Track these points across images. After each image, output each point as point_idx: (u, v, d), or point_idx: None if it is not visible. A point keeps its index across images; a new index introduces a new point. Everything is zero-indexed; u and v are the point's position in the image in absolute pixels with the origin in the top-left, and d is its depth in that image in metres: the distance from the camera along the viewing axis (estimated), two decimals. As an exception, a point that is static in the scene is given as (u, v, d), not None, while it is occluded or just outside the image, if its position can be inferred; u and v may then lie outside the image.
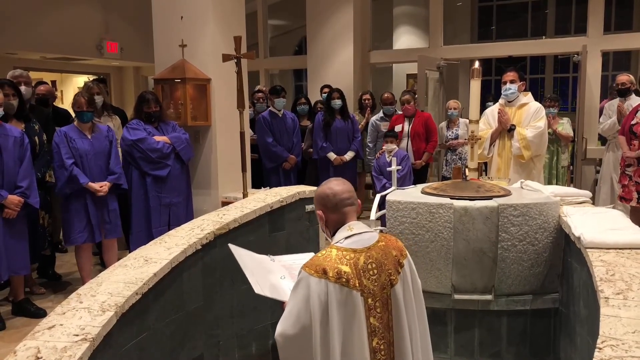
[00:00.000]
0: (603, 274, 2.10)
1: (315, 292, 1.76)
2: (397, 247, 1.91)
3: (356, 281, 1.78)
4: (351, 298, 1.78)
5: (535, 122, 4.34)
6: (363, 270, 1.80)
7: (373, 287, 1.81)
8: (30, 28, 7.55)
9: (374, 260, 1.83)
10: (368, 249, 1.84)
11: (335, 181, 1.96)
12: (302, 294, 1.79)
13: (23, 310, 4.16)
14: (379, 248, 1.86)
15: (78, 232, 4.33)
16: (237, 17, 5.56)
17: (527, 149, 4.30)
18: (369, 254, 1.83)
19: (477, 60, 3.28)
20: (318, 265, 1.79)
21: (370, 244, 1.85)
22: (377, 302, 1.81)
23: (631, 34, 9.00)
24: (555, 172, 6.28)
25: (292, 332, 1.79)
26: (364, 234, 1.87)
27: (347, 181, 1.98)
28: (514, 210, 2.81)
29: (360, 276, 1.79)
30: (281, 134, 5.99)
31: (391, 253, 1.87)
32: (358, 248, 1.83)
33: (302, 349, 1.79)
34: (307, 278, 1.79)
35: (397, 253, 1.89)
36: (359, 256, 1.81)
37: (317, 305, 1.76)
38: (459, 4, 12.88)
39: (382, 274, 1.82)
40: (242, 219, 3.05)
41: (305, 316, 1.77)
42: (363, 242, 1.85)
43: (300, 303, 1.78)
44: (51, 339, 1.79)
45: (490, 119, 4.60)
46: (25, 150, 3.96)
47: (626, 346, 1.60)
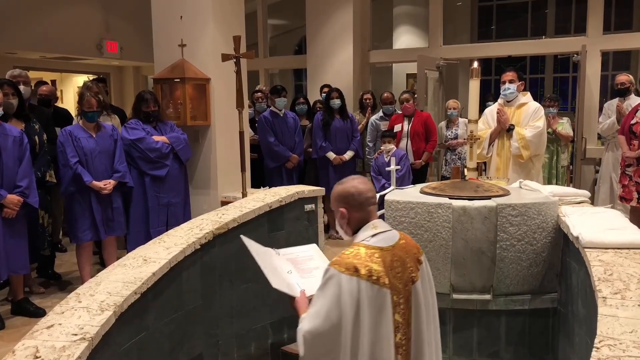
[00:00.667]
0: (601, 273, 2.10)
1: (346, 290, 1.77)
2: (414, 245, 1.97)
3: (386, 279, 1.82)
4: (381, 295, 1.81)
5: (534, 122, 4.34)
6: (390, 268, 1.84)
7: (398, 284, 1.85)
8: (30, 27, 7.54)
9: (398, 258, 1.87)
10: (393, 247, 1.88)
11: (358, 179, 1.97)
12: (332, 292, 1.79)
13: (22, 310, 4.17)
14: (402, 246, 1.90)
15: (83, 230, 4.35)
16: (236, 16, 5.56)
17: (526, 149, 4.30)
18: (394, 252, 1.87)
19: (476, 60, 3.28)
20: (349, 264, 1.81)
21: (394, 242, 1.89)
22: (401, 298, 1.85)
23: (631, 34, 9.00)
24: (555, 171, 6.28)
25: (321, 330, 1.79)
26: (388, 232, 1.92)
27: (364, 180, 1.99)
28: (512, 210, 2.81)
29: (389, 274, 1.83)
30: (283, 134, 5.99)
31: (412, 250, 1.92)
32: (384, 246, 1.86)
33: (330, 346, 1.81)
34: (337, 276, 1.79)
35: (416, 250, 1.94)
36: (386, 254, 1.85)
37: (348, 302, 1.77)
38: (458, 4, 12.87)
39: (405, 271, 1.87)
40: (241, 218, 3.05)
41: (336, 314, 1.78)
42: (387, 241, 1.89)
43: (331, 300, 1.79)
44: (50, 339, 1.80)
45: (489, 118, 4.60)
46: (25, 150, 3.96)
47: (623, 346, 1.60)
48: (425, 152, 5.97)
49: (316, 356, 1.83)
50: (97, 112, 4.37)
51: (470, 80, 3.26)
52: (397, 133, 5.96)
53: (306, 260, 2.33)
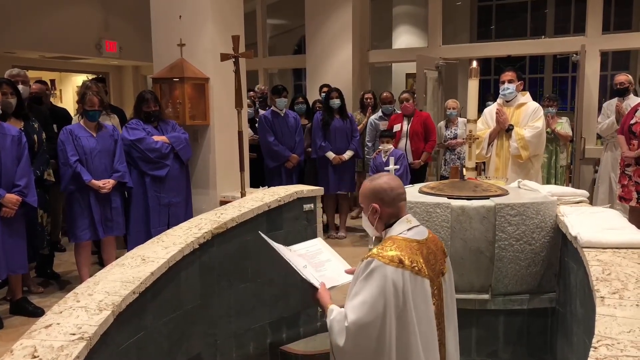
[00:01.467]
0: (599, 273, 2.10)
1: (392, 281, 1.81)
2: (438, 238, 2.05)
3: (426, 270, 1.89)
4: (423, 285, 1.88)
5: (534, 122, 4.33)
6: (426, 260, 1.91)
7: (433, 275, 1.92)
8: (30, 27, 7.54)
9: (431, 251, 1.95)
10: (426, 240, 1.95)
11: (388, 176, 2.03)
12: (377, 283, 1.82)
13: (21, 309, 4.16)
14: (432, 239, 1.99)
15: (82, 229, 4.35)
16: (235, 16, 5.56)
17: (525, 149, 4.30)
18: (427, 245, 1.95)
19: (475, 60, 3.28)
20: (393, 256, 1.85)
21: (426, 236, 1.97)
22: (435, 290, 1.92)
23: (630, 34, 9.01)
24: (554, 171, 6.29)
25: (367, 320, 1.82)
26: (420, 226, 1.99)
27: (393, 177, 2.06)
28: (511, 209, 2.82)
29: (427, 268, 1.90)
30: (283, 133, 5.99)
31: (439, 243, 2.01)
32: (420, 239, 1.94)
33: (374, 336, 1.83)
34: (382, 267, 1.83)
35: (441, 244, 2.03)
36: (422, 246, 1.92)
37: (393, 293, 1.81)
38: (458, 4, 12.88)
39: (437, 263, 1.95)
40: (240, 218, 3.05)
41: (381, 304, 1.81)
42: (422, 234, 1.96)
43: (377, 292, 1.82)
44: (48, 338, 1.80)
45: (488, 118, 4.60)
46: (23, 149, 3.96)
47: (621, 345, 1.60)
48: (425, 152, 5.97)
49: (359, 347, 1.85)
50: (98, 111, 4.39)
51: (469, 80, 3.26)
52: (397, 133, 5.96)
53: (316, 254, 2.34)
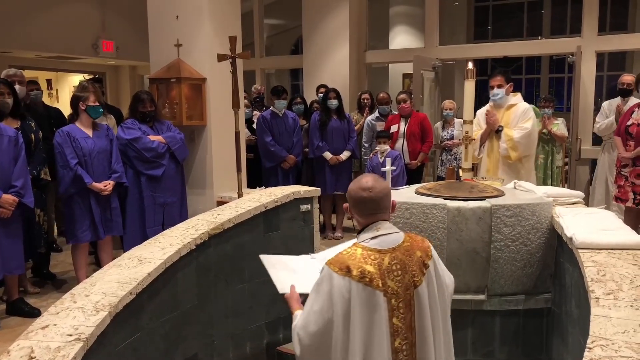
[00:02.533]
0: (594, 274, 2.12)
1: (337, 289, 1.80)
2: (422, 247, 1.92)
3: (379, 281, 1.81)
4: (374, 298, 1.81)
5: (523, 122, 4.31)
6: (387, 271, 1.83)
7: (397, 287, 1.83)
8: (26, 26, 7.52)
9: (399, 261, 1.85)
10: (393, 249, 1.86)
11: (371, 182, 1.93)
12: (325, 290, 1.82)
13: (17, 310, 4.15)
14: (404, 249, 1.88)
15: (82, 230, 4.33)
16: (232, 16, 5.55)
17: (514, 150, 4.28)
18: (393, 255, 1.85)
19: (471, 61, 3.29)
20: (342, 263, 1.83)
21: (395, 245, 1.87)
22: (400, 302, 1.83)
23: (625, 35, 9.03)
24: (550, 172, 6.31)
25: (314, 328, 1.82)
26: (390, 235, 1.90)
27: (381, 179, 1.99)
28: (506, 210, 2.83)
29: (385, 277, 1.82)
30: (281, 134, 5.99)
31: (416, 254, 1.88)
32: (383, 249, 1.86)
33: (321, 343, 1.82)
34: (330, 274, 1.82)
35: (423, 254, 1.90)
36: (383, 257, 1.84)
37: (339, 301, 1.80)
38: (455, 4, 12.90)
39: (406, 275, 1.84)
40: (237, 219, 3.06)
41: (328, 312, 1.81)
42: (388, 243, 1.87)
43: (324, 298, 1.82)
44: (44, 339, 1.80)
45: (481, 120, 4.60)
46: (20, 150, 3.95)
47: (616, 346, 1.62)
48: (421, 153, 5.98)
49: (310, 353, 1.85)
50: (100, 107, 4.38)
51: (465, 81, 3.27)
52: (394, 133, 5.97)
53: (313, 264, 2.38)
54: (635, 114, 4.81)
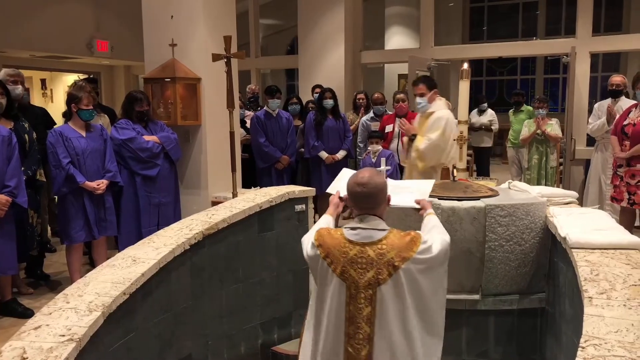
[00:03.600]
0: (587, 274, 2.12)
1: (312, 257, 2.04)
2: (400, 250, 1.94)
3: (339, 268, 1.96)
4: (332, 280, 1.98)
5: (429, 133, 4.18)
6: (352, 261, 1.95)
7: (358, 279, 1.94)
8: (20, 26, 7.49)
9: (366, 257, 1.94)
10: (364, 244, 1.95)
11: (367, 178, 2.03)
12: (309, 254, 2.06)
13: (10, 311, 4.13)
14: (377, 248, 1.95)
15: (77, 230, 4.31)
16: (227, 16, 5.55)
17: (420, 160, 4.19)
18: (362, 249, 1.95)
19: (466, 62, 3.30)
20: (321, 237, 2.02)
21: (368, 241, 1.96)
22: (360, 294, 1.94)
23: (619, 36, 9.08)
24: (544, 172, 6.33)
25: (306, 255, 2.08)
26: (368, 230, 1.98)
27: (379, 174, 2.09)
28: (501, 210, 2.83)
29: (347, 265, 1.95)
30: (275, 134, 5.99)
31: (387, 255, 1.93)
32: (355, 240, 1.97)
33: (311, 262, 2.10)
34: (309, 240, 2.06)
35: (397, 257, 1.93)
36: (352, 248, 1.96)
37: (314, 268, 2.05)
38: (450, 5, 12.94)
39: (371, 271, 1.92)
40: (231, 219, 3.05)
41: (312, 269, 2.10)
42: (362, 238, 1.97)
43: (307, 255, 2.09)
44: (37, 340, 1.79)
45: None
46: (13, 149, 3.93)
47: (609, 345, 1.62)
48: (416, 153, 5.98)
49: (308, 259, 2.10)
50: (93, 110, 4.38)
51: (460, 81, 3.28)
52: (388, 133, 5.97)
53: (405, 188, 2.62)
54: (632, 114, 4.82)
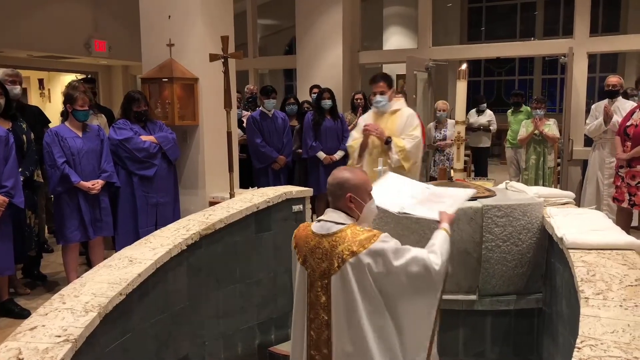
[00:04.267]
0: (584, 274, 2.12)
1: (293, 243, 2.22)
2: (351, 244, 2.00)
3: (302, 257, 2.12)
4: (297, 267, 2.17)
5: (411, 131, 4.07)
6: (311, 251, 2.08)
7: (315, 267, 2.07)
8: (17, 25, 7.48)
9: (322, 248, 2.06)
10: (322, 235, 2.07)
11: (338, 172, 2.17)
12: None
13: (7, 311, 4.12)
14: (331, 240, 2.05)
15: (72, 230, 4.31)
16: (225, 16, 5.54)
17: (406, 160, 4.08)
18: (320, 240, 2.07)
19: (464, 62, 3.29)
20: (297, 229, 2.22)
21: (325, 232, 2.07)
22: (317, 282, 2.07)
23: (617, 36, 9.10)
24: (542, 173, 6.33)
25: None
26: (328, 223, 2.09)
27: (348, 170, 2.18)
28: (497, 211, 2.83)
29: (308, 255, 2.10)
30: (271, 134, 5.99)
31: (338, 247, 2.02)
32: (316, 232, 2.10)
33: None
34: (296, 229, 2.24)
35: (345, 250, 2.01)
36: (313, 238, 2.10)
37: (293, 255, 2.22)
38: (448, 5, 12.95)
39: (325, 262, 2.04)
40: (228, 219, 3.05)
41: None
42: (322, 229, 2.09)
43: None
44: (33, 340, 1.79)
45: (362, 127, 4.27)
46: (10, 150, 3.92)
47: (605, 346, 1.62)
48: (414, 153, 5.98)
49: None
50: (89, 111, 4.36)
51: (457, 81, 3.27)
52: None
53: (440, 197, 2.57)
54: (635, 115, 4.84)
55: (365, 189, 2.15)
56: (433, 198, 2.55)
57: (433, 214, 2.40)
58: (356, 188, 2.11)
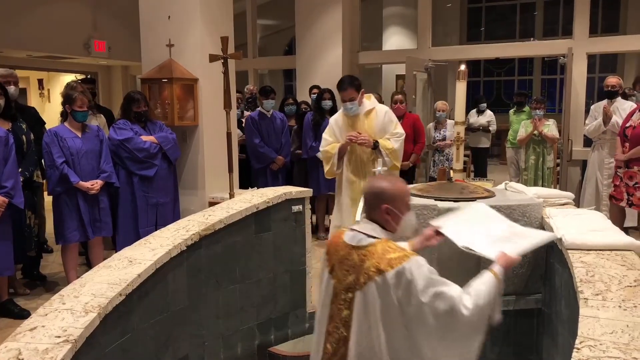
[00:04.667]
0: (583, 275, 2.12)
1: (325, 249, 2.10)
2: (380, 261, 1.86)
3: (331, 264, 2.01)
4: (325, 275, 2.05)
5: (394, 129, 4.06)
6: (340, 260, 1.97)
7: (342, 279, 1.95)
8: (17, 25, 7.47)
9: (351, 260, 1.94)
10: (352, 247, 1.95)
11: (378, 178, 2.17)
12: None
13: (7, 312, 4.12)
14: (361, 253, 1.92)
15: (71, 230, 4.32)
16: (225, 17, 5.55)
17: (397, 159, 4.08)
18: (350, 252, 1.95)
19: (463, 63, 3.30)
20: (335, 234, 2.10)
21: (354, 244, 1.95)
22: (341, 294, 1.95)
23: (616, 37, 9.10)
24: (541, 173, 6.34)
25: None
26: (360, 234, 1.96)
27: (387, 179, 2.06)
28: (497, 211, 2.83)
29: (336, 264, 1.99)
30: (269, 135, 5.99)
31: (366, 262, 1.89)
32: (347, 241, 1.98)
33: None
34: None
35: (372, 267, 1.86)
36: (343, 247, 1.98)
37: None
38: (448, 5, 12.95)
39: (352, 275, 1.92)
40: (228, 219, 3.05)
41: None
42: (352, 240, 1.96)
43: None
44: (32, 341, 1.79)
45: (335, 130, 4.13)
46: (10, 150, 3.93)
47: (604, 347, 1.62)
48: (413, 154, 5.99)
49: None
50: (87, 112, 4.37)
51: (457, 82, 3.27)
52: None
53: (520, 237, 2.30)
54: (635, 116, 4.85)
55: (404, 200, 2.01)
56: (512, 237, 2.26)
57: (492, 253, 2.12)
58: (393, 199, 1.97)
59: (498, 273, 1.98)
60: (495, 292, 1.92)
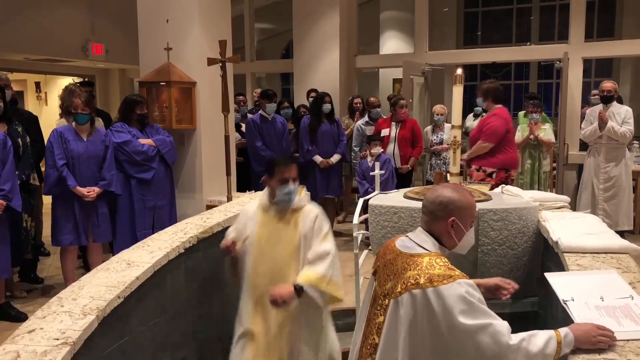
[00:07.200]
0: (579, 277, 2.14)
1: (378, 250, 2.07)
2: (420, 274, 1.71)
3: (376, 265, 1.97)
4: (371, 275, 2.02)
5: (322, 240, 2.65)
6: (385, 264, 1.90)
7: (382, 283, 1.88)
8: (14, 28, 7.46)
9: (394, 266, 1.83)
10: (399, 253, 1.85)
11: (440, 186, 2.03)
12: None
13: (4, 314, 4.12)
14: (405, 261, 1.79)
15: (64, 233, 4.31)
16: (222, 20, 5.56)
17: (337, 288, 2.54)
18: (396, 257, 1.85)
19: (460, 67, 3.31)
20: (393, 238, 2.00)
21: (405, 251, 1.83)
22: (379, 298, 1.87)
23: (612, 42, 9.17)
24: (537, 177, 6.36)
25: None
26: (412, 242, 1.85)
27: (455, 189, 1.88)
28: (493, 215, 2.85)
29: (381, 267, 1.93)
30: (270, 138, 6.01)
31: (407, 272, 1.75)
32: (397, 247, 1.89)
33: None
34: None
35: (412, 278, 1.72)
36: (391, 251, 1.90)
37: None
38: (445, 10, 13.00)
39: (391, 281, 1.80)
40: (226, 222, 3.06)
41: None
42: (403, 246, 1.86)
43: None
44: (31, 343, 1.79)
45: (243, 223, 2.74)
46: (8, 153, 3.93)
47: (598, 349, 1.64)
48: (412, 158, 6.02)
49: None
50: (87, 115, 4.30)
51: (453, 86, 3.29)
52: (384, 138, 6.00)
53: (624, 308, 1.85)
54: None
55: (472, 215, 1.86)
56: (617, 313, 1.81)
57: (578, 316, 1.82)
58: (461, 212, 1.81)
59: (563, 339, 1.65)
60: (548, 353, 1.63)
